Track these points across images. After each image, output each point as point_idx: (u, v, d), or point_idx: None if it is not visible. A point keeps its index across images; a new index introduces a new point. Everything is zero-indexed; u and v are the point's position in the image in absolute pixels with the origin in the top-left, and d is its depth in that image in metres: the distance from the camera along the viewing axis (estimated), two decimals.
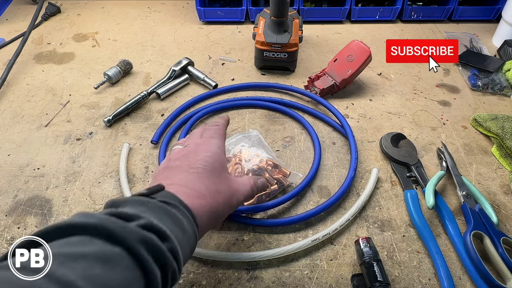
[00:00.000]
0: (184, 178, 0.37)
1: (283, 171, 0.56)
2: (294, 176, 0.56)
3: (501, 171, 0.59)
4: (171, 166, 0.40)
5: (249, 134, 0.61)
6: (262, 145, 0.60)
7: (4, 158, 0.60)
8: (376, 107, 0.71)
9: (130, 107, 0.68)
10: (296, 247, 0.47)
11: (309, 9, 0.95)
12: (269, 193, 0.53)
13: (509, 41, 0.82)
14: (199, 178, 0.37)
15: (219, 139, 0.44)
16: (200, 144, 0.42)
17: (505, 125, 0.62)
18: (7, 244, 0.48)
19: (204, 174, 0.38)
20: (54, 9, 0.98)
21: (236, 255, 0.46)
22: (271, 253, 0.46)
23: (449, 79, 0.78)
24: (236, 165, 0.55)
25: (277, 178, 0.55)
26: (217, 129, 0.45)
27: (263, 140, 0.61)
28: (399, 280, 0.46)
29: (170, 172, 0.39)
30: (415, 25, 0.97)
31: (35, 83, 0.75)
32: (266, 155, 0.57)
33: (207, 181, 0.37)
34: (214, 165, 0.39)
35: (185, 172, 0.38)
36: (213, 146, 0.42)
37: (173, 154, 0.42)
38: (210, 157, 0.40)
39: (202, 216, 0.35)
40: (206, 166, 0.39)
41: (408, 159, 0.59)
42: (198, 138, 0.44)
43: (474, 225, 0.48)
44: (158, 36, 0.91)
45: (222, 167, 0.40)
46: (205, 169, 0.38)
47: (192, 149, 0.41)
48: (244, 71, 0.79)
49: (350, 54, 0.70)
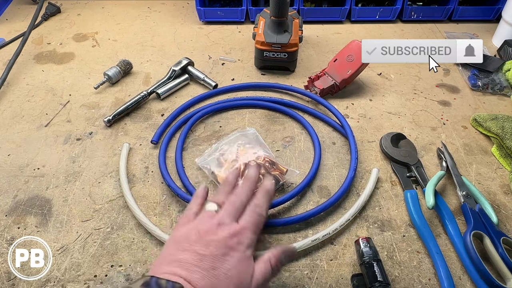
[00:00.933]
0: (204, 282, 0.35)
1: (280, 168, 0.56)
2: (291, 173, 0.56)
3: (501, 171, 0.59)
4: (196, 249, 0.37)
5: (246, 132, 0.62)
6: (259, 143, 0.60)
7: (4, 158, 0.60)
8: (376, 107, 0.71)
9: (130, 107, 0.68)
10: (296, 247, 0.47)
11: (309, 9, 0.95)
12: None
13: (509, 41, 0.82)
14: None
15: (254, 234, 0.40)
16: (230, 247, 0.38)
17: (505, 125, 0.62)
18: (7, 244, 0.48)
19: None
20: (54, 9, 0.98)
21: None
22: None
23: (449, 79, 0.78)
24: (233, 162, 0.56)
25: (274, 175, 0.55)
26: (260, 215, 0.42)
27: (261, 138, 0.61)
28: (399, 280, 0.46)
29: (192, 257, 0.37)
30: (415, 25, 0.97)
31: (35, 83, 0.75)
32: (264, 153, 0.57)
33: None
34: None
35: (207, 273, 0.35)
36: (246, 266, 0.38)
37: (205, 225, 0.39)
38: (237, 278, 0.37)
39: None
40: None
41: (408, 159, 0.59)
42: (234, 223, 0.40)
43: (474, 225, 0.48)
44: (158, 36, 0.91)
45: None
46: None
47: (220, 247, 0.38)
48: (244, 71, 0.79)
49: (350, 54, 0.70)
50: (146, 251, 0.48)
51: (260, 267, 0.38)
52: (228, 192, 0.45)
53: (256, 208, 0.42)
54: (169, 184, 0.54)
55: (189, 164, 0.59)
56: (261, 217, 0.42)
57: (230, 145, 0.59)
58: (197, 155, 0.61)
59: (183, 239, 0.39)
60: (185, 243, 0.38)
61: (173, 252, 0.38)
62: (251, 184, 0.46)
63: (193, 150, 0.62)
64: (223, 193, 0.45)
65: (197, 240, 0.38)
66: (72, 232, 0.50)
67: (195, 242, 0.38)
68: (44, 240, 0.49)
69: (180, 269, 0.35)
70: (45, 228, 0.50)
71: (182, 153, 0.60)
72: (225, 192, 0.45)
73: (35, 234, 0.49)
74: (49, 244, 0.48)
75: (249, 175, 0.47)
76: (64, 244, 0.49)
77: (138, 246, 0.49)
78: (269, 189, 0.45)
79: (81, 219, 0.51)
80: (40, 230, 0.50)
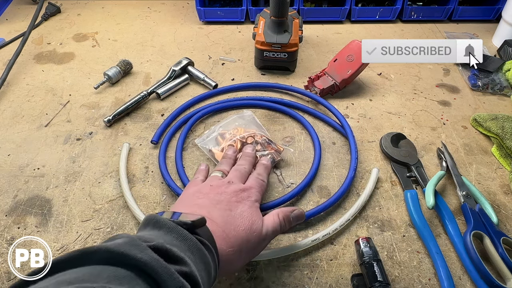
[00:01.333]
0: (222, 219, 0.39)
1: (276, 147, 0.59)
2: (286, 151, 0.60)
3: (501, 171, 0.59)
4: (211, 196, 0.41)
5: (243, 114, 0.65)
6: (256, 124, 0.63)
7: (4, 158, 0.60)
8: (376, 107, 0.71)
9: (130, 107, 0.68)
10: (296, 247, 0.47)
11: (309, 9, 0.95)
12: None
13: (509, 41, 0.82)
14: (236, 228, 0.39)
15: (260, 194, 0.45)
16: (242, 197, 0.43)
17: (505, 125, 0.62)
18: (7, 244, 0.48)
19: (242, 228, 0.39)
20: (54, 9, 0.98)
21: None
22: (271, 253, 0.46)
23: (449, 79, 0.78)
24: (230, 140, 0.59)
25: (270, 152, 0.57)
26: (263, 182, 0.47)
27: (257, 119, 0.64)
28: (399, 280, 0.46)
29: (209, 201, 0.41)
30: (415, 25, 0.97)
31: (35, 83, 0.75)
32: (260, 133, 0.60)
33: (243, 234, 0.39)
34: (252, 228, 0.40)
35: (224, 212, 0.39)
36: (252, 213, 0.41)
37: (215, 182, 0.44)
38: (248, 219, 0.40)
39: (226, 263, 0.37)
40: (245, 229, 0.39)
41: (408, 159, 0.59)
42: (241, 181, 0.45)
43: (474, 225, 0.48)
44: (158, 36, 0.91)
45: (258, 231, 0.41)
46: (244, 230, 0.39)
47: (233, 196, 0.42)
48: (244, 71, 0.79)
49: (350, 54, 0.70)
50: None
51: (269, 218, 0.42)
52: (230, 162, 0.50)
53: (258, 175, 0.48)
54: (169, 184, 0.54)
55: (189, 164, 0.59)
56: (264, 183, 0.47)
57: (228, 126, 0.62)
58: (197, 155, 0.61)
59: (196, 192, 0.43)
60: (200, 194, 0.42)
61: (189, 200, 0.42)
62: (250, 157, 0.51)
63: (193, 150, 0.62)
64: (225, 163, 0.50)
65: (210, 191, 0.42)
66: (72, 232, 0.50)
67: (209, 193, 0.42)
68: (44, 240, 0.49)
69: (199, 209, 0.39)
70: (45, 228, 0.50)
71: (182, 153, 0.60)
72: (227, 162, 0.50)
73: (35, 234, 0.49)
74: (49, 244, 0.48)
75: (246, 151, 0.53)
76: (64, 244, 0.49)
77: None
78: (267, 164, 0.51)
79: (81, 219, 0.51)
80: (40, 230, 0.50)
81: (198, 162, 0.60)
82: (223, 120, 0.64)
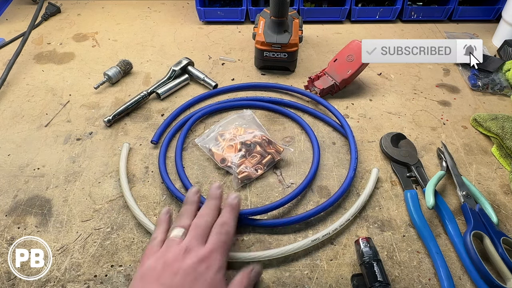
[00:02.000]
0: None
1: (276, 147, 0.59)
2: (286, 152, 0.59)
3: (501, 171, 0.59)
4: (162, 282, 0.36)
5: (243, 114, 0.65)
6: (256, 123, 0.63)
7: (4, 158, 0.60)
8: (376, 107, 0.71)
9: (130, 107, 0.68)
10: (296, 247, 0.47)
11: (309, 9, 0.95)
12: (263, 163, 0.58)
13: (509, 41, 0.82)
14: None
15: (223, 255, 0.40)
16: (199, 274, 0.38)
17: (505, 125, 0.62)
18: (7, 244, 0.48)
19: None
20: (54, 9, 0.98)
21: (236, 255, 0.46)
22: (271, 253, 0.46)
23: (449, 79, 0.78)
24: (230, 141, 0.59)
25: (270, 152, 0.58)
26: (227, 234, 0.42)
27: (257, 119, 0.64)
28: (399, 280, 0.46)
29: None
30: (415, 25, 0.97)
31: (35, 83, 0.75)
32: (260, 133, 0.60)
33: None
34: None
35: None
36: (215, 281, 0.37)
37: (171, 253, 0.39)
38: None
39: None
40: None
41: (408, 159, 0.59)
42: (201, 246, 0.40)
43: (474, 225, 0.48)
44: (158, 36, 0.91)
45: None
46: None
47: (188, 274, 0.37)
48: (244, 71, 0.79)
49: (350, 54, 0.70)
50: None
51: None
52: (191, 212, 0.45)
53: (222, 227, 0.43)
54: (168, 187, 0.54)
55: (189, 164, 0.59)
56: (229, 235, 0.42)
57: (228, 126, 0.62)
58: (197, 155, 0.61)
59: (149, 271, 0.38)
60: (151, 277, 0.37)
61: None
62: (215, 202, 0.46)
63: (193, 150, 0.62)
64: (186, 215, 0.44)
65: (164, 270, 0.37)
66: (72, 232, 0.50)
67: (162, 273, 0.37)
68: (44, 240, 0.49)
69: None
70: (45, 228, 0.50)
71: (182, 153, 0.60)
72: (188, 213, 0.45)
73: (35, 234, 0.49)
74: (49, 244, 0.48)
75: (211, 193, 0.47)
76: (64, 244, 0.49)
77: (138, 246, 0.49)
78: (234, 205, 0.46)
79: (81, 219, 0.51)
80: (40, 230, 0.50)
81: (198, 162, 0.60)
82: (223, 120, 0.64)
